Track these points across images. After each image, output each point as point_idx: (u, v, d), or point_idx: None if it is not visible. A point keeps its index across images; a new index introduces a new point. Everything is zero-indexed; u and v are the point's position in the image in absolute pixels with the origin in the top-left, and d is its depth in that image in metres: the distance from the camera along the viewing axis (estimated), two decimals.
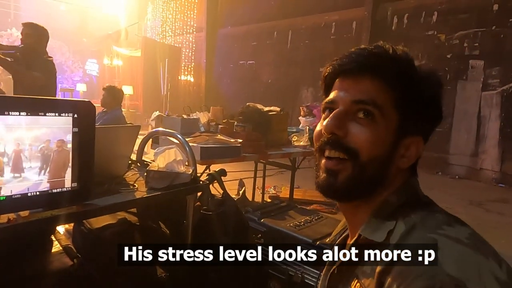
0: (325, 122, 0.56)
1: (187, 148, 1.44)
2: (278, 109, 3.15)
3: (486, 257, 0.43)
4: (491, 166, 5.83)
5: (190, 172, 1.29)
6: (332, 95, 0.58)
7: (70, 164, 0.99)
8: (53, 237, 1.18)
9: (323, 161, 0.56)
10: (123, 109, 4.54)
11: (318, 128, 0.59)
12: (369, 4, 7.11)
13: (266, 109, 3.09)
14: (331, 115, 0.56)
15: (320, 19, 8.22)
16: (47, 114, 0.93)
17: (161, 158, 1.28)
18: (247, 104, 3.10)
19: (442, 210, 0.53)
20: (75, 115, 0.98)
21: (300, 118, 4.14)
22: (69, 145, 0.98)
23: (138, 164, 1.54)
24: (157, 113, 3.05)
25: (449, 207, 0.53)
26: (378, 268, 0.47)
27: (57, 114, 0.95)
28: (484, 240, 0.47)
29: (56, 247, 1.14)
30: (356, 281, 0.52)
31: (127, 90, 9.79)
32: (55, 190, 0.97)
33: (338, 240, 0.67)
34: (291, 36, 9.04)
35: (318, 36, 8.15)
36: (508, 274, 0.42)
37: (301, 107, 4.32)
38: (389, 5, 6.98)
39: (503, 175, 5.70)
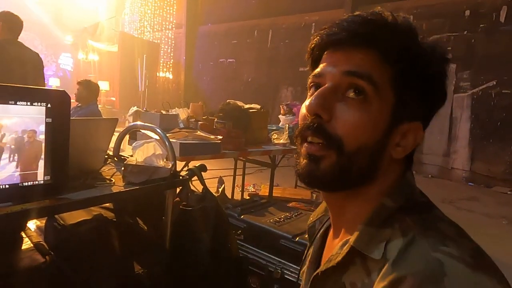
0: (308, 101, 0.48)
1: (167, 143, 1.41)
2: (258, 106, 3.15)
3: (491, 279, 0.38)
4: (462, 166, 6.07)
5: (169, 167, 1.27)
6: (319, 68, 0.50)
7: (43, 156, 0.94)
8: (23, 234, 1.13)
9: (305, 145, 0.49)
10: (98, 105, 4.41)
11: (302, 109, 0.50)
12: (348, 6, 7.23)
13: (247, 106, 3.08)
14: (316, 93, 0.48)
15: (300, 19, 8.29)
16: (18, 103, 0.88)
17: (140, 152, 1.25)
18: (227, 101, 3.09)
19: (441, 214, 0.47)
20: (49, 105, 0.93)
21: (280, 116, 4.15)
22: (42, 136, 0.93)
23: (115, 159, 1.50)
24: (135, 108, 2.98)
25: None
26: None
27: (29, 103, 0.90)
28: (484, 253, 0.42)
29: (26, 244, 1.08)
30: None
31: (103, 85, 9.53)
32: (26, 183, 0.93)
33: (320, 232, 0.62)
34: (271, 35, 9.06)
35: (298, 36, 8.21)
36: None
37: (281, 106, 4.33)
38: (367, 7, 7.07)
39: (473, 174, 5.95)
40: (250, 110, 2.98)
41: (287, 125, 3.47)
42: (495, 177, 5.72)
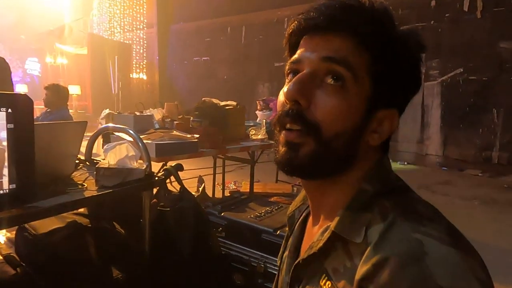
0: (286, 88, 0.47)
1: (140, 144, 1.37)
2: (234, 103, 3.13)
3: (466, 254, 0.39)
4: (435, 151, 6.29)
5: (144, 168, 1.24)
6: (297, 54, 0.49)
7: (6, 164, 0.90)
8: None
9: (283, 132, 0.48)
10: (70, 110, 4.27)
11: (280, 97, 0.50)
12: (318, 0, 7.30)
13: (223, 103, 3.06)
14: (294, 79, 0.47)
15: (272, 14, 8.30)
16: None
17: (112, 155, 1.21)
18: (203, 99, 3.05)
19: (417, 196, 0.48)
20: (10, 110, 0.89)
21: (257, 112, 4.17)
22: (4, 143, 0.89)
23: (87, 163, 1.45)
24: (107, 111, 2.89)
25: None
26: (358, 275, 0.41)
27: None
28: (458, 231, 0.43)
29: None
30: (325, 278, 0.47)
31: (74, 90, 9.22)
32: None
33: (299, 220, 0.62)
34: (244, 32, 9.04)
35: (271, 32, 8.23)
36: (484, 270, 0.40)
37: (257, 101, 4.34)
38: None
39: (446, 159, 6.18)
40: (227, 107, 2.96)
41: (264, 120, 3.47)
42: (467, 160, 5.96)
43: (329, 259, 0.47)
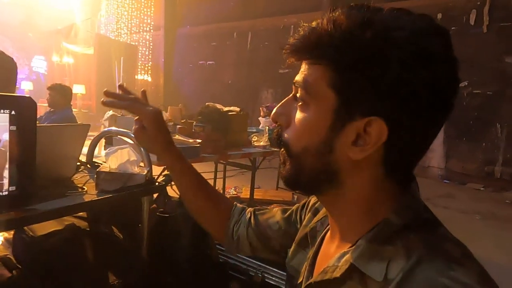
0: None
1: (142, 148, 1.37)
2: (237, 109, 3.14)
3: None
4: (437, 164, 6.26)
5: (145, 173, 1.23)
6: None
7: (7, 166, 0.90)
8: None
9: None
10: (74, 109, 4.29)
11: None
12: (326, 9, 7.33)
13: (226, 109, 3.07)
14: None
15: (279, 21, 8.35)
16: None
17: (113, 159, 1.21)
18: (206, 104, 3.06)
19: (447, 232, 0.45)
20: (13, 112, 0.89)
21: (260, 118, 4.16)
22: (6, 145, 0.89)
23: (88, 165, 1.45)
24: (110, 112, 2.90)
25: None
26: None
27: None
28: (489, 277, 0.40)
29: None
30: None
31: (79, 89, 9.27)
32: None
33: (323, 233, 0.60)
34: (250, 37, 9.09)
35: (277, 38, 8.27)
36: None
37: (261, 108, 4.35)
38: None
39: (448, 172, 6.15)
40: (230, 113, 2.97)
41: (267, 127, 3.47)
42: (469, 174, 5.93)
43: (344, 287, 0.46)
